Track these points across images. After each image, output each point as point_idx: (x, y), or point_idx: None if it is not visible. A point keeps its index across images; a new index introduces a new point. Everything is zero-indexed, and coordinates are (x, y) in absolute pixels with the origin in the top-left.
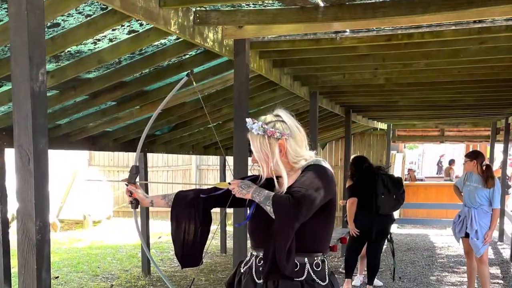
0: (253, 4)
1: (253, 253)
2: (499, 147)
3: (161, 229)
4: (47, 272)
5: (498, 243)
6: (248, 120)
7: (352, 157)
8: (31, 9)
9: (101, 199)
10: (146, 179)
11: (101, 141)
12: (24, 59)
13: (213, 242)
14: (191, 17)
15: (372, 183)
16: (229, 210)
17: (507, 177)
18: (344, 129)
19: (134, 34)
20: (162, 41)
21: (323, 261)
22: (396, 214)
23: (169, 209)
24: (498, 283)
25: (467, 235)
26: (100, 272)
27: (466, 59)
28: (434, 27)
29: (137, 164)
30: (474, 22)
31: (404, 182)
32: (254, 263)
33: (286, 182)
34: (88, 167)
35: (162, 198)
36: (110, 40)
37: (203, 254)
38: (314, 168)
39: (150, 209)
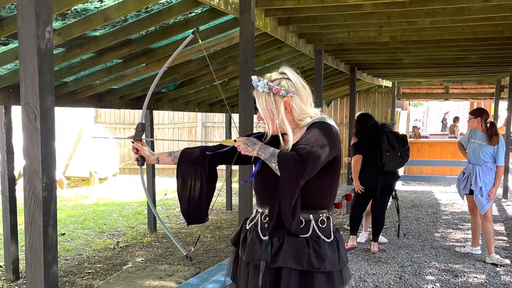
0: None
1: (259, 210)
2: (503, 105)
3: (167, 186)
4: (53, 228)
5: (502, 200)
6: (254, 77)
7: (357, 114)
8: None
9: (107, 156)
10: (152, 137)
11: (107, 99)
12: (30, 17)
13: (218, 199)
14: None
15: (377, 140)
16: (235, 167)
17: (511, 135)
18: (349, 86)
19: None
20: None
21: (328, 218)
22: (400, 171)
23: (175, 166)
24: (502, 239)
25: (471, 192)
26: (106, 229)
27: (470, 16)
28: None
29: (143, 122)
30: None
31: (409, 140)
32: (259, 220)
33: (291, 139)
34: (94, 125)
35: (168, 155)
36: None
37: (209, 211)
38: (319, 125)
39: (156, 166)
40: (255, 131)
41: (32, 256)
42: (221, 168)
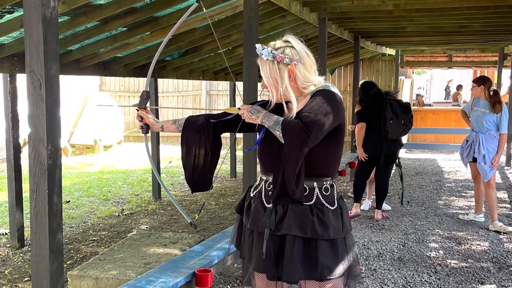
0: None
1: (263, 177)
2: (506, 73)
3: (172, 154)
4: (58, 196)
5: (506, 167)
6: (258, 45)
7: (360, 82)
8: None
9: (112, 124)
10: (156, 105)
11: (112, 67)
12: None
13: (223, 166)
14: None
15: (381, 108)
16: (239, 135)
17: None
18: (352, 54)
19: None
20: None
21: (332, 186)
22: (404, 139)
23: (179, 134)
24: (505, 207)
25: (474, 160)
26: (111, 197)
27: None
28: None
29: (148, 90)
30: None
31: (412, 107)
32: (263, 187)
33: (295, 107)
34: (99, 92)
35: (173, 123)
36: None
37: (213, 179)
38: (323, 93)
39: (161, 134)
40: (259, 99)
41: (37, 224)
42: (225, 136)
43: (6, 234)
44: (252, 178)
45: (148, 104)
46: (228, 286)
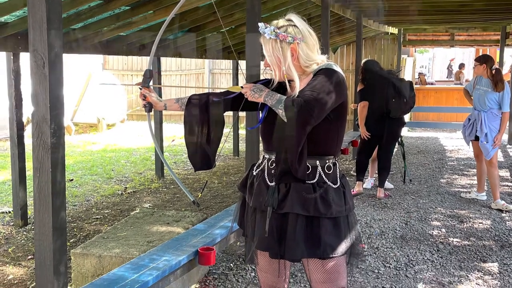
0: None
1: (266, 156)
2: (508, 51)
3: (175, 132)
4: (61, 174)
5: (507, 146)
6: (261, 24)
7: (363, 61)
8: None
9: (115, 103)
10: (159, 83)
11: (115, 46)
12: None
13: (225, 145)
14: None
15: (383, 87)
16: (242, 114)
17: None
18: (355, 33)
19: None
20: None
21: (334, 164)
22: (406, 118)
23: (182, 112)
24: (507, 185)
25: (477, 138)
26: (114, 175)
27: None
28: None
29: (151, 68)
30: None
31: (415, 86)
32: (266, 166)
33: (298, 86)
34: (102, 71)
35: (176, 101)
36: None
37: (216, 157)
38: (326, 72)
39: (164, 112)
40: (262, 77)
41: (40, 202)
42: (228, 114)
43: (9, 212)
44: (254, 156)
45: (151, 83)
46: (231, 264)
